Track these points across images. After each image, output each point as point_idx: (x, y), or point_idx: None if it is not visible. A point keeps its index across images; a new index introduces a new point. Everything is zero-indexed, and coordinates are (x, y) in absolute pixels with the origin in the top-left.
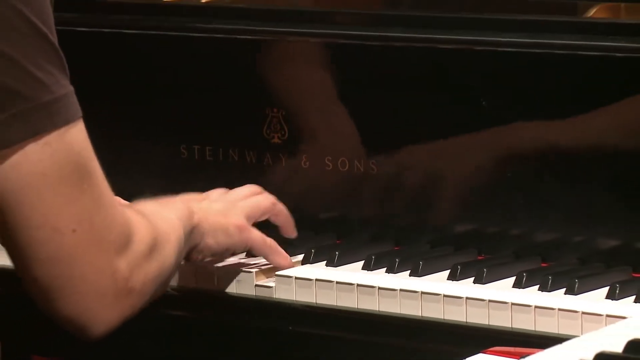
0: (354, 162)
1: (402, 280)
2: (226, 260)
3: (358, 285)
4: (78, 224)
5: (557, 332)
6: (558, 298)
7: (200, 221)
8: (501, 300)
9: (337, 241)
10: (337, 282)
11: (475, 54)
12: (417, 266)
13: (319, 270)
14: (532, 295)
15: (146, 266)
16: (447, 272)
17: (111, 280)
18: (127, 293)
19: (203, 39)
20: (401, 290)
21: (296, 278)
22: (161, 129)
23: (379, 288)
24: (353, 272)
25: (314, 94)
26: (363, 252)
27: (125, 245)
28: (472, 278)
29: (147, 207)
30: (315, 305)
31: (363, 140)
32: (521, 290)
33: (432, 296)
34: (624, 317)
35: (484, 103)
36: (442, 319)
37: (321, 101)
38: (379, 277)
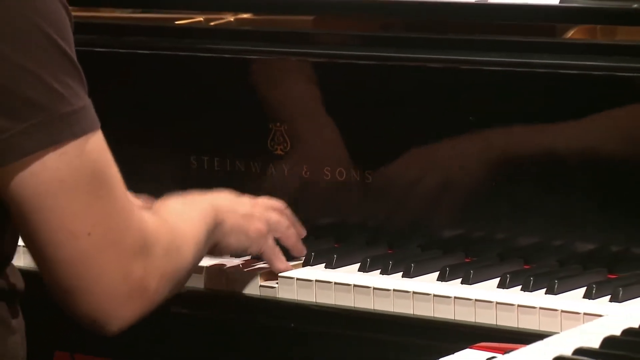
0: (351, 172)
1: (395, 281)
2: (232, 262)
3: (354, 285)
4: (93, 228)
5: (539, 329)
6: (539, 297)
7: (223, 220)
8: (486, 299)
9: (335, 245)
10: (335, 283)
11: (462, 73)
12: (409, 268)
13: (319, 272)
14: (515, 295)
15: (162, 268)
16: (437, 274)
17: (125, 281)
18: (142, 293)
19: (211, 59)
20: (394, 290)
21: (297, 279)
22: (173, 142)
23: (374, 288)
24: (350, 274)
25: (314, 110)
26: (359, 255)
27: (140, 248)
28: (460, 279)
29: (172, 206)
30: (315, 304)
31: (359, 152)
32: (505, 290)
33: (423, 296)
34: (600, 316)
35: (471, 118)
36: (432, 317)
37: (320, 116)
38: (374, 278)
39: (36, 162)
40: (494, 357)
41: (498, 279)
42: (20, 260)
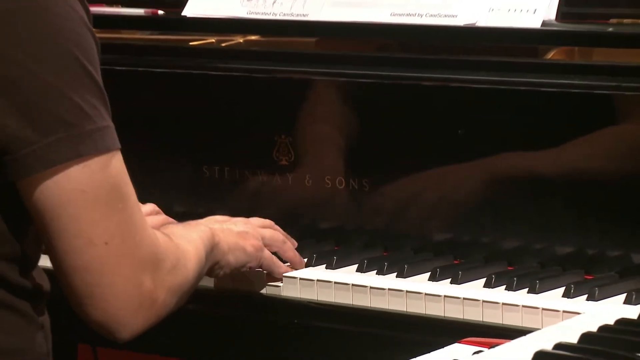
0: (350, 181)
1: (390, 281)
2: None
3: (353, 285)
4: (110, 238)
5: (521, 325)
6: (522, 296)
7: (220, 241)
8: (473, 298)
9: (335, 247)
10: (335, 282)
11: (452, 90)
12: (403, 269)
13: (320, 272)
14: (500, 293)
15: (169, 282)
16: (428, 274)
17: (137, 291)
18: (151, 304)
19: (222, 77)
20: (389, 289)
21: (300, 279)
22: (187, 153)
23: (370, 287)
24: (348, 274)
25: (316, 124)
26: (357, 257)
27: (151, 262)
28: (449, 279)
29: (175, 230)
30: (316, 301)
31: (357, 162)
32: (490, 289)
33: (415, 294)
34: (578, 313)
35: (460, 132)
36: (424, 314)
37: (322, 130)
38: (371, 278)
39: (60, 173)
40: (481, 351)
41: (484, 279)
42: (46, 261)
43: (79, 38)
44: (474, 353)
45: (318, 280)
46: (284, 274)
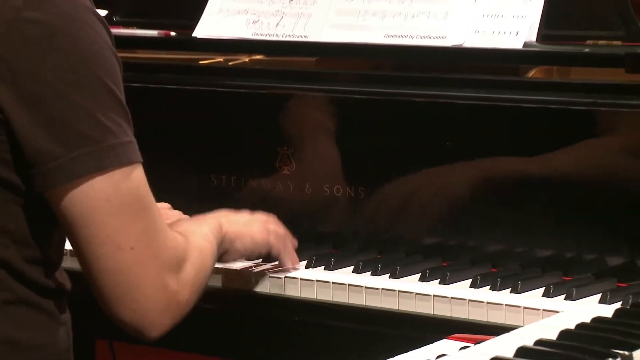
0: (346, 189)
1: (383, 281)
2: (246, 265)
3: (349, 285)
4: (136, 243)
5: (504, 323)
6: (505, 296)
7: (227, 231)
8: (460, 297)
9: (333, 250)
10: (333, 283)
11: (441, 105)
12: (395, 270)
13: (319, 273)
14: (485, 293)
15: (191, 281)
16: (419, 275)
17: (163, 292)
18: (177, 304)
19: (229, 93)
20: (382, 289)
21: (301, 279)
22: (196, 163)
23: (365, 287)
24: (345, 275)
25: (316, 136)
26: (353, 259)
27: (175, 264)
28: (438, 280)
29: (188, 227)
30: (315, 300)
31: (353, 172)
32: (476, 289)
33: (407, 294)
34: (557, 312)
35: (448, 144)
36: (415, 312)
37: (321, 142)
38: (365, 279)
39: (85, 184)
40: (467, 347)
41: (470, 280)
42: (67, 262)
43: (104, 60)
44: (461, 348)
45: (317, 280)
46: (286, 275)
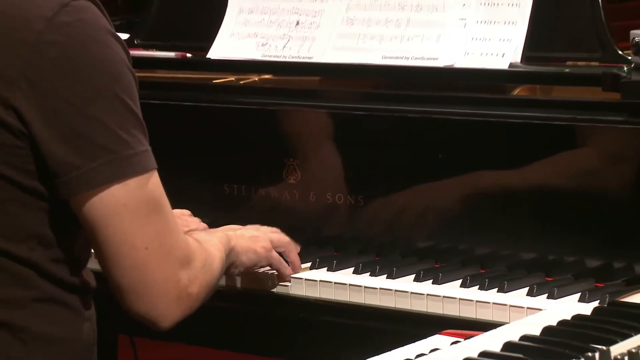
0: (347, 197)
1: (381, 281)
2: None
3: (350, 285)
4: (149, 243)
5: (492, 320)
6: (492, 295)
7: (235, 245)
8: (452, 296)
9: (335, 253)
10: (335, 283)
11: (434, 121)
12: (392, 271)
13: (322, 274)
14: (474, 292)
15: (200, 278)
16: (413, 276)
17: (175, 287)
18: (187, 297)
19: (240, 110)
20: (380, 288)
21: (305, 279)
22: (210, 173)
23: (365, 287)
24: (346, 275)
25: (319, 149)
26: (353, 261)
27: (185, 261)
28: (431, 280)
29: (200, 236)
30: (319, 299)
31: (353, 182)
32: (466, 289)
33: (402, 293)
34: (540, 310)
35: (440, 156)
36: (410, 310)
37: (324, 154)
38: (365, 279)
39: (104, 192)
40: (458, 341)
41: (460, 280)
42: (92, 263)
43: (120, 77)
44: (452, 343)
45: (320, 280)
46: (292, 275)
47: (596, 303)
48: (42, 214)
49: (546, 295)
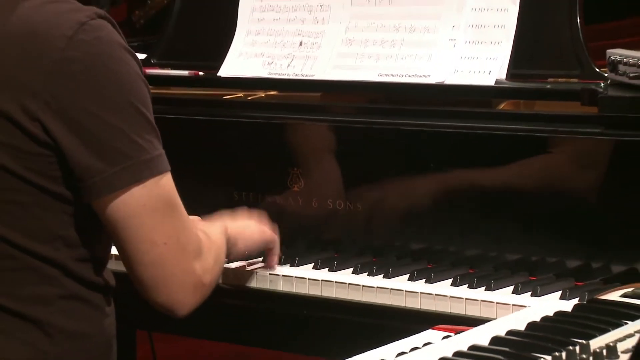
0: (347, 204)
1: (378, 280)
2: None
3: (349, 284)
4: (168, 239)
5: (480, 316)
6: (480, 293)
7: (231, 233)
8: (443, 294)
9: (335, 254)
10: (336, 282)
11: (426, 133)
12: (388, 271)
13: (323, 273)
14: (463, 291)
15: (212, 267)
16: (407, 275)
17: (191, 278)
18: (202, 286)
19: (249, 123)
20: (377, 287)
21: (308, 279)
22: (221, 181)
23: (363, 286)
24: (346, 275)
25: (321, 159)
26: (352, 262)
27: (198, 254)
28: (424, 279)
29: (205, 227)
30: (321, 297)
31: (352, 189)
32: (456, 287)
33: (398, 291)
34: (524, 306)
35: (432, 165)
36: (404, 306)
37: (325, 163)
38: (363, 279)
39: (125, 194)
40: (449, 336)
41: (451, 280)
42: (112, 264)
43: (135, 89)
44: (444, 337)
45: (322, 280)
46: (296, 276)
47: (576, 300)
48: (67, 217)
49: (530, 293)
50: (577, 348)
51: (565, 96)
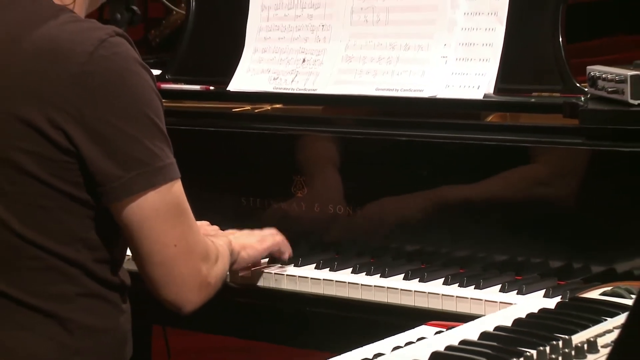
0: (347, 208)
1: (375, 279)
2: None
3: (349, 282)
4: (177, 241)
5: (470, 312)
6: (470, 291)
7: (235, 245)
8: (435, 292)
9: (335, 255)
10: (336, 281)
11: (419, 143)
12: (384, 271)
13: (325, 273)
14: (454, 289)
15: (216, 270)
16: (403, 275)
17: (197, 277)
18: (207, 286)
19: (256, 134)
20: (374, 286)
21: (311, 278)
22: (230, 188)
23: (361, 284)
24: (345, 275)
25: (322, 167)
26: (351, 262)
27: (205, 256)
28: (418, 279)
29: (212, 237)
30: (322, 294)
31: (351, 195)
32: (448, 286)
33: (393, 290)
34: (511, 304)
35: (424, 173)
36: (400, 304)
37: (327, 171)
38: (361, 278)
39: (141, 198)
40: (441, 331)
41: (443, 279)
42: (128, 264)
43: (149, 101)
44: (436, 332)
45: (323, 279)
46: (299, 275)
47: (559, 298)
48: (88, 221)
49: (516, 291)
50: (560, 343)
51: (548, 109)
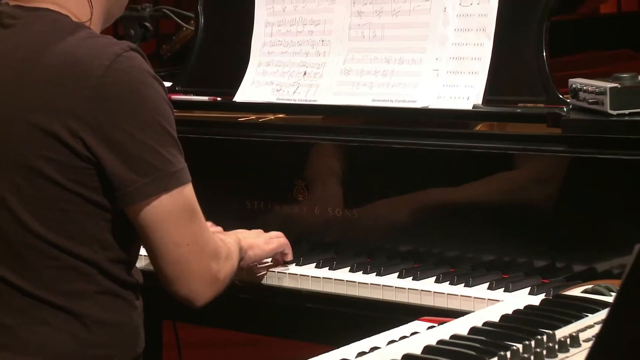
0: (345, 211)
1: (372, 278)
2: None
3: (347, 281)
4: (190, 241)
5: (460, 309)
6: (460, 289)
7: (242, 244)
8: (428, 290)
9: (335, 255)
10: (335, 279)
11: (413, 151)
12: (380, 270)
13: (324, 272)
14: (445, 287)
15: (225, 267)
16: (397, 274)
17: (208, 274)
18: (217, 282)
19: (260, 142)
20: (371, 284)
21: (311, 277)
22: (236, 192)
23: (358, 282)
24: (344, 273)
25: (322, 173)
26: (349, 262)
27: (215, 254)
28: (411, 277)
29: (221, 235)
30: (322, 291)
31: (349, 199)
32: (439, 284)
33: (389, 287)
34: (498, 301)
35: (418, 178)
36: (394, 300)
37: (327, 176)
38: (359, 276)
39: (155, 201)
40: (433, 326)
41: (435, 277)
42: (140, 263)
43: (162, 110)
44: (428, 327)
45: (323, 277)
46: (300, 273)
47: (543, 295)
48: (104, 223)
49: (503, 289)
50: (544, 337)
51: (533, 119)
